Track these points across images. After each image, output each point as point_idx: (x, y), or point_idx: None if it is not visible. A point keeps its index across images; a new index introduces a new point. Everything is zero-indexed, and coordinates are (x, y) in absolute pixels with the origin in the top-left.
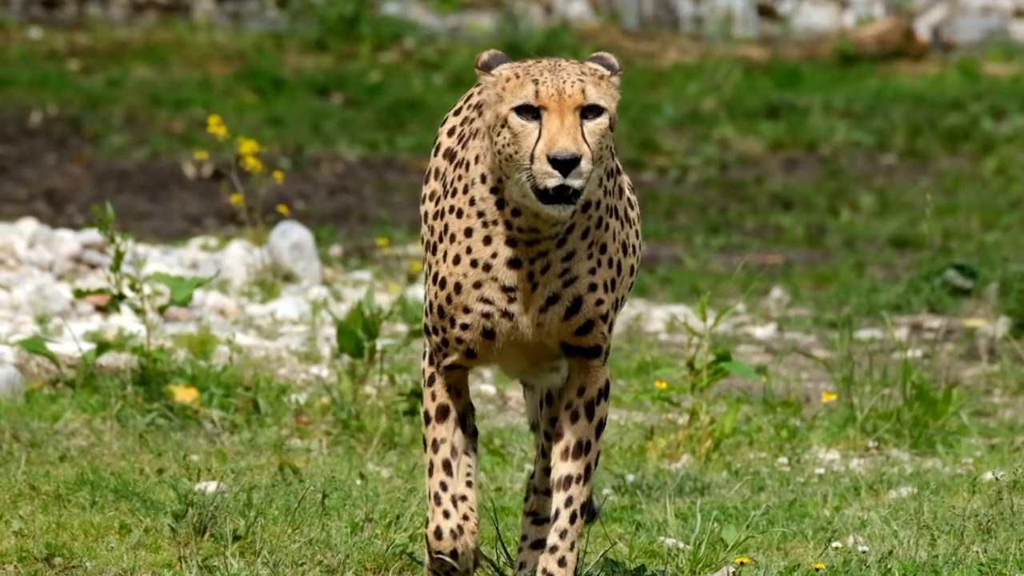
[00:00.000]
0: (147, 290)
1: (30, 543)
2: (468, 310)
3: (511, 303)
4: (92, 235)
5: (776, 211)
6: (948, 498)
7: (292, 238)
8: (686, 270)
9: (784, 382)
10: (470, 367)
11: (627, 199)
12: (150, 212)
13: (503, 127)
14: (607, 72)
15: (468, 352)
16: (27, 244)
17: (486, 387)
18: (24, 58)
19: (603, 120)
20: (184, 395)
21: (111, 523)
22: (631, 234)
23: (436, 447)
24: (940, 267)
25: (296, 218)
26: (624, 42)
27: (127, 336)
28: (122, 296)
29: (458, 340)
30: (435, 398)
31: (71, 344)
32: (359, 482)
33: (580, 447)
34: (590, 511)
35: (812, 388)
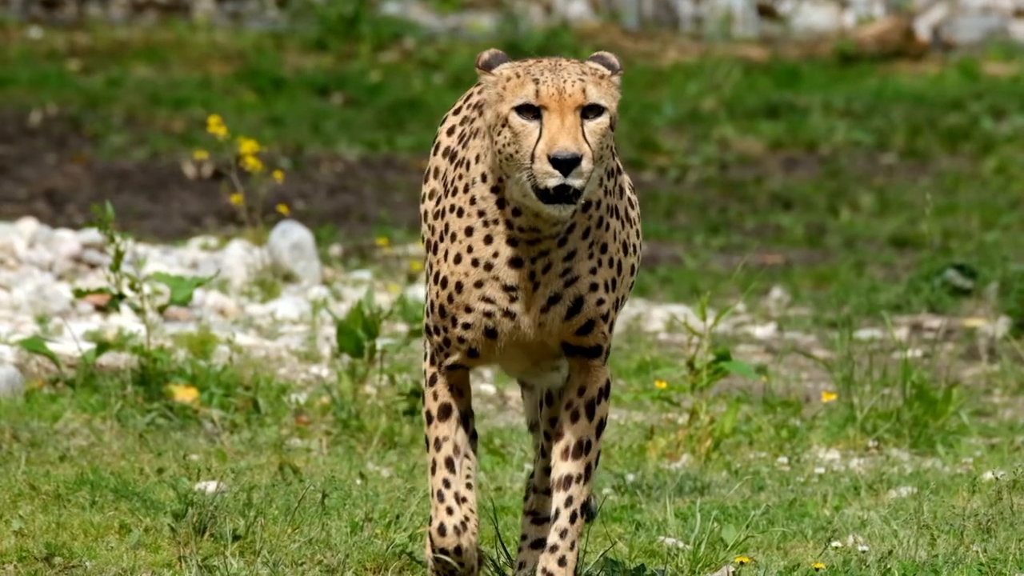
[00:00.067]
0: (147, 290)
1: (30, 543)
2: (470, 309)
3: (513, 302)
4: (92, 235)
5: (776, 211)
6: (948, 498)
7: (292, 238)
8: (686, 270)
9: (784, 382)
10: (472, 367)
11: (628, 199)
12: (150, 212)
13: (504, 126)
14: (608, 72)
15: (470, 351)
16: (27, 244)
17: (486, 387)
18: (24, 58)
19: (604, 120)
20: (184, 395)
21: (111, 523)
22: (632, 233)
23: (439, 445)
24: (940, 267)
25: (296, 218)
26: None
27: (127, 336)
28: (122, 296)
29: (460, 340)
30: (437, 397)
31: (71, 344)
32: (359, 482)
33: (580, 447)
34: (588, 511)
35: (812, 388)
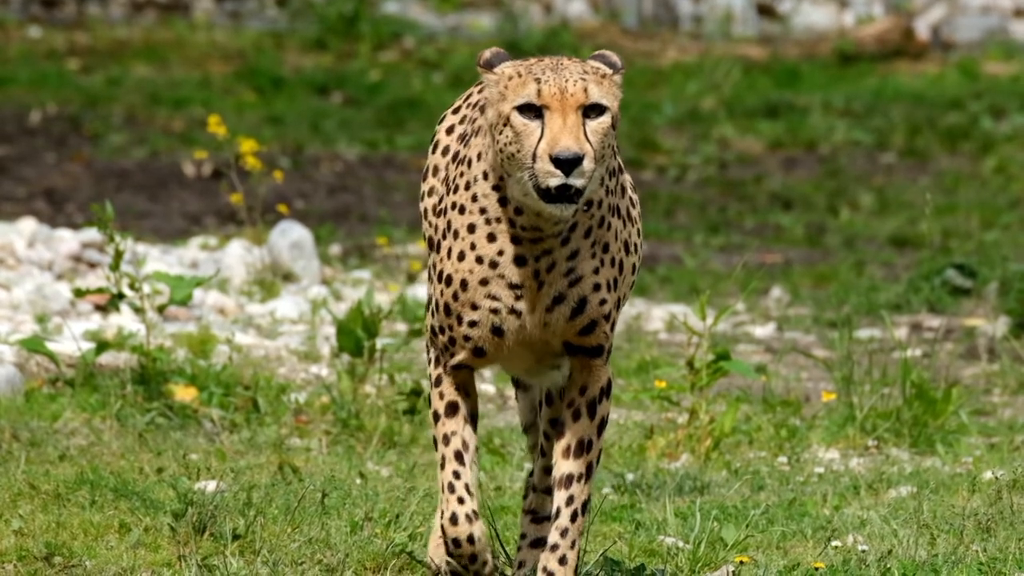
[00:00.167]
0: (147, 289)
1: (30, 542)
2: (476, 307)
3: (518, 300)
4: (92, 234)
5: (776, 210)
6: (948, 497)
7: (292, 237)
8: (686, 269)
9: (784, 381)
10: (477, 367)
11: (629, 197)
12: (150, 211)
13: (505, 126)
14: (609, 71)
15: (476, 350)
16: (27, 243)
17: (486, 387)
18: (24, 57)
19: (605, 119)
20: (184, 394)
21: (111, 522)
22: (633, 232)
23: (447, 440)
24: (940, 266)
25: (296, 217)
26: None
27: (127, 335)
28: (122, 295)
29: (465, 338)
30: (443, 396)
31: (71, 343)
32: (359, 481)
33: (582, 446)
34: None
35: (812, 387)
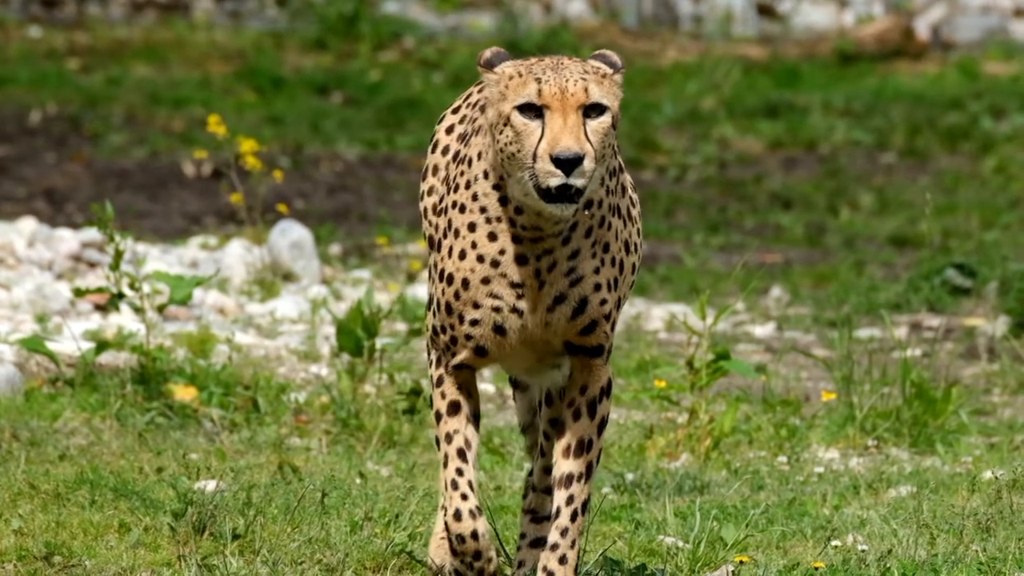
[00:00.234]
0: (146, 289)
1: (29, 542)
2: (478, 305)
3: (520, 299)
4: (91, 234)
5: (775, 210)
6: (947, 497)
7: (292, 237)
8: (685, 269)
9: (783, 381)
10: (478, 367)
11: (629, 197)
12: (149, 211)
13: (506, 125)
14: (610, 70)
15: (477, 349)
16: (27, 243)
17: (485, 386)
18: (24, 57)
19: (606, 119)
20: (183, 394)
21: (110, 522)
22: (633, 232)
23: (450, 438)
24: (939, 266)
25: (295, 217)
26: (623, 41)
27: (126, 335)
28: (121, 295)
29: (467, 337)
30: (445, 396)
31: (70, 343)
32: (358, 481)
33: (582, 445)
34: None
35: (811, 387)
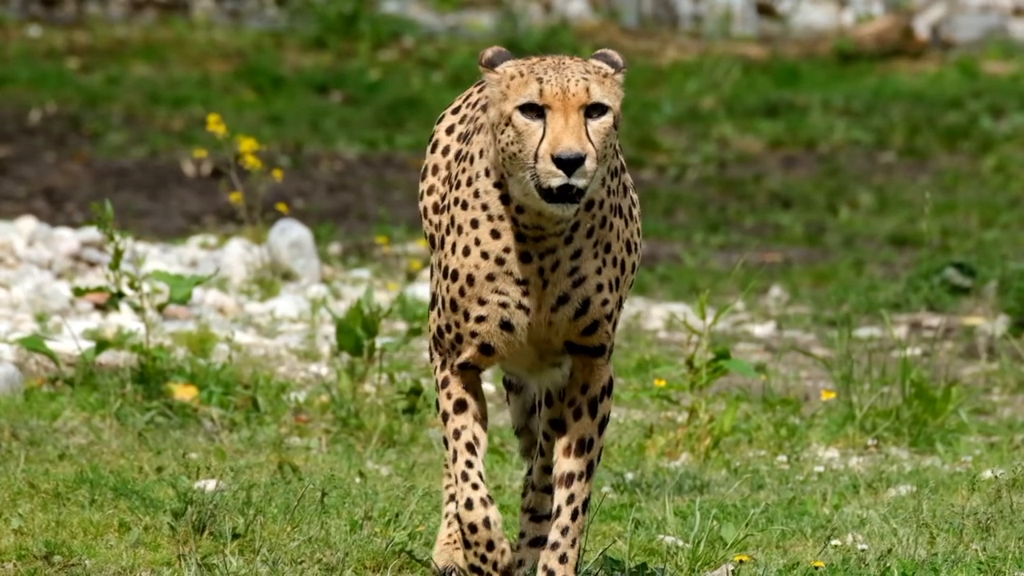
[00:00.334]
0: (146, 288)
1: (29, 541)
2: (483, 302)
3: (525, 296)
4: (91, 233)
5: (775, 209)
6: (947, 496)
7: (291, 236)
8: (685, 268)
9: (783, 380)
10: (483, 366)
11: (630, 197)
12: (149, 210)
13: (507, 125)
14: (611, 70)
15: (483, 346)
16: (26, 242)
17: (486, 385)
18: (23, 56)
19: (607, 119)
20: (183, 393)
21: (110, 521)
22: (634, 232)
23: (458, 435)
24: (939, 265)
25: (295, 216)
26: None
27: (126, 334)
28: (121, 294)
29: (472, 334)
30: (451, 396)
31: (70, 342)
32: (358, 480)
33: (582, 444)
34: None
35: (811, 386)
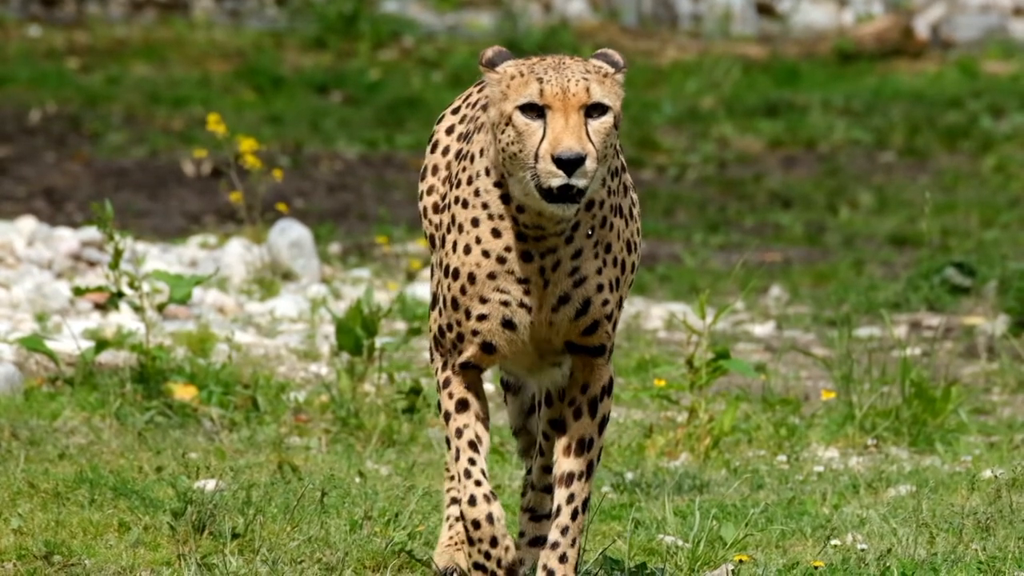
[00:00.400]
0: (146, 288)
1: (29, 541)
2: (484, 300)
3: (527, 295)
4: (91, 233)
5: (775, 209)
6: (947, 496)
7: (291, 236)
8: (685, 268)
9: (783, 380)
10: (484, 365)
11: (630, 196)
12: (149, 210)
13: (507, 125)
14: (611, 70)
15: (484, 345)
16: (26, 242)
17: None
18: (23, 56)
19: (608, 119)
20: (183, 393)
21: (110, 521)
22: (634, 231)
23: (460, 433)
24: (939, 265)
25: (295, 216)
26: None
27: (126, 334)
28: (121, 294)
29: (474, 332)
30: (452, 396)
31: (70, 342)
32: (358, 480)
33: (582, 444)
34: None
35: (811, 386)
